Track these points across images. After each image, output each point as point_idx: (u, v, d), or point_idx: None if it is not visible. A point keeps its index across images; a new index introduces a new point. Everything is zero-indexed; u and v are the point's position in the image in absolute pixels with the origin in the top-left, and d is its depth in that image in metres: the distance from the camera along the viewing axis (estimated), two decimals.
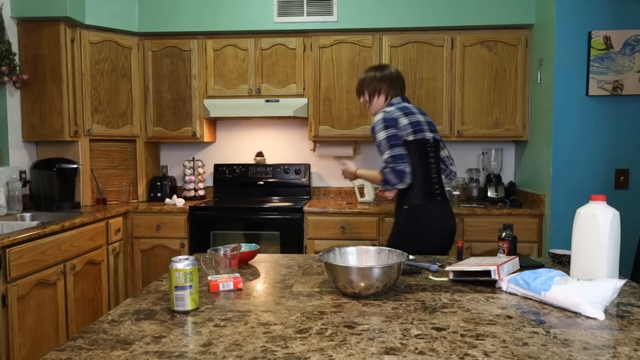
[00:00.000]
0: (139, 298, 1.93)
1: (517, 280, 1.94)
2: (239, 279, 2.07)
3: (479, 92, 4.80)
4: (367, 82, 3.42)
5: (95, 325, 1.64)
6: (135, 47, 5.01)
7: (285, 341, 1.48)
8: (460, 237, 4.41)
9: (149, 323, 1.66)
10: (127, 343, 1.49)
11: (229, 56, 4.99)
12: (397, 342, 1.47)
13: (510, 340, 1.48)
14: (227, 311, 1.77)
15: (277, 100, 4.90)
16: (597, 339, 1.49)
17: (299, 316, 1.71)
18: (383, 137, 3.16)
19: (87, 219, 4.08)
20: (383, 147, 3.16)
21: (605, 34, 4.05)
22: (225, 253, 2.21)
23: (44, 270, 3.55)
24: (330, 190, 5.42)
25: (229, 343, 1.47)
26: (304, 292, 2.00)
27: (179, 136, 5.11)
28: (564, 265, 2.42)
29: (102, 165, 4.92)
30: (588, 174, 4.16)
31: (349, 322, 1.64)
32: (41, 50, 4.49)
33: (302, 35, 4.93)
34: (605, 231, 1.95)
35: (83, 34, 4.67)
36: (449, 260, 2.57)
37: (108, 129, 4.86)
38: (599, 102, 4.12)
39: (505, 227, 2.56)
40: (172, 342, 1.49)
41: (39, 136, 4.56)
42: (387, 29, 4.83)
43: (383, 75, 3.37)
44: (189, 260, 1.77)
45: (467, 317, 1.69)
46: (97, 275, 4.26)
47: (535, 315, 1.71)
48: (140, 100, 5.07)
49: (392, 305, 1.81)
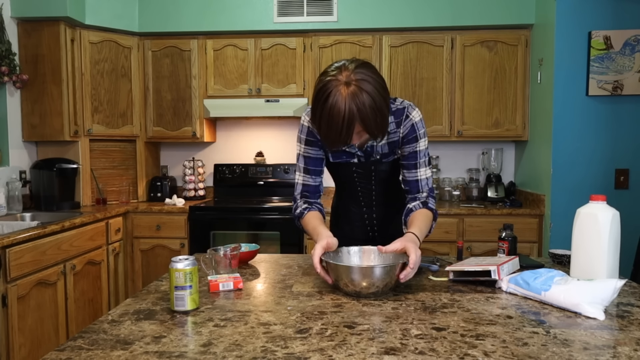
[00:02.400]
0: (139, 298, 1.93)
1: (517, 280, 1.93)
2: (239, 279, 2.07)
3: (479, 92, 4.80)
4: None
5: (95, 325, 1.64)
6: (135, 47, 5.01)
7: (285, 341, 1.48)
8: (460, 237, 4.41)
9: (149, 323, 1.66)
10: (127, 343, 1.49)
11: (229, 56, 4.99)
12: (397, 342, 1.47)
13: (510, 340, 1.48)
14: (227, 311, 1.77)
15: (277, 100, 4.90)
16: (597, 339, 1.49)
17: (299, 316, 1.71)
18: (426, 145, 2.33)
19: (87, 219, 4.08)
20: (426, 157, 2.34)
21: (605, 34, 4.05)
22: (225, 253, 2.21)
23: (44, 270, 3.55)
24: (331, 190, 5.41)
25: (229, 343, 1.47)
26: (304, 292, 2.00)
27: (179, 136, 5.11)
28: (564, 265, 2.42)
29: (102, 165, 4.92)
30: (588, 173, 4.16)
31: (349, 322, 1.64)
32: (41, 50, 4.49)
33: (302, 35, 4.93)
34: (605, 231, 1.95)
35: (83, 34, 4.67)
36: (449, 260, 2.57)
37: (108, 129, 4.86)
38: (599, 102, 4.12)
39: (505, 227, 2.55)
40: (172, 342, 1.48)
41: (39, 136, 4.56)
42: (387, 29, 4.83)
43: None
44: (189, 260, 1.77)
45: (467, 317, 1.69)
46: (97, 275, 4.26)
47: (535, 315, 1.71)
48: (140, 100, 5.08)
49: (392, 305, 1.81)
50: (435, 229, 4.35)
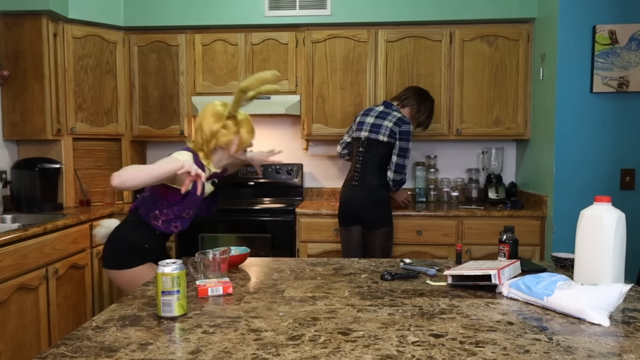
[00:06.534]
0: (125, 303, 1.93)
1: (519, 285, 1.94)
2: (228, 283, 2.07)
3: (478, 89, 4.81)
4: None
5: (79, 332, 1.63)
6: (120, 42, 5.00)
7: (276, 348, 1.48)
8: (459, 240, 4.42)
9: (134, 329, 1.65)
10: (112, 350, 1.49)
11: (218, 51, 4.99)
12: (394, 349, 1.47)
13: (511, 347, 1.48)
14: (216, 317, 1.77)
15: (269, 98, 4.89)
16: (601, 346, 1.49)
17: (291, 322, 1.71)
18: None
19: (71, 221, 4.07)
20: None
21: (610, 29, 4.06)
22: (214, 256, 2.21)
23: (25, 275, 3.53)
24: (324, 191, 5.42)
25: (218, 350, 1.47)
26: (297, 297, 2.00)
27: (166, 135, 5.10)
28: (567, 269, 2.43)
29: (86, 165, 4.90)
30: (592, 174, 4.17)
31: (343, 329, 1.64)
32: (22, 45, 4.47)
33: (295, 29, 4.93)
34: (610, 234, 1.95)
35: (66, 28, 4.65)
36: (447, 264, 2.57)
37: (92, 128, 4.84)
38: (604, 100, 4.13)
39: (506, 229, 2.56)
40: (159, 350, 1.48)
41: (20, 135, 4.54)
42: (383, 23, 4.83)
43: None
44: (177, 264, 1.77)
45: (467, 323, 1.69)
46: (81, 280, 4.25)
47: (538, 321, 1.71)
48: (126, 97, 5.06)
49: (388, 311, 1.81)
50: (433, 231, 4.40)
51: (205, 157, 2.83)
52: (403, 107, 4.27)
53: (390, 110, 4.21)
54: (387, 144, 4.11)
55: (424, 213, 4.46)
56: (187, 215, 2.84)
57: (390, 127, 4.10)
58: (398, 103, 4.28)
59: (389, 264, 2.62)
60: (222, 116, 2.78)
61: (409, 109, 4.28)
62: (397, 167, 4.13)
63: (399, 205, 4.56)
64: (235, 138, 2.81)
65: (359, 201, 4.14)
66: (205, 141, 2.80)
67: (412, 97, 4.31)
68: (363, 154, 4.20)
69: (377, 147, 4.14)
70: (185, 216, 2.84)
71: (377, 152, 4.15)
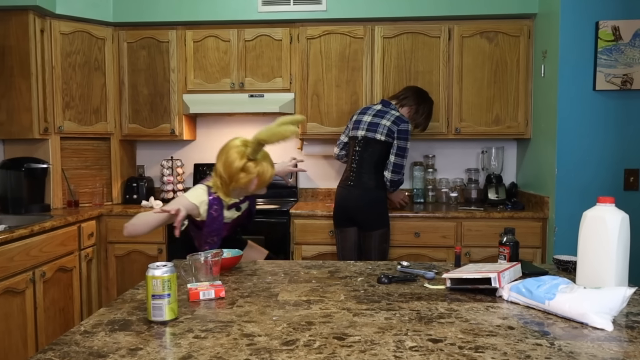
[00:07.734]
0: (114, 307, 1.93)
1: (519, 289, 1.94)
2: (220, 287, 2.07)
3: (478, 86, 4.81)
4: None
5: (67, 337, 1.63)
6: (109, 38, 4.98)
7: (270, 354, 1.48)
8: (458, 243, 4.42)
9: (124, 334, 1.65)
10: (100, 356, 1.48)
11: (210, 48, 4.98)
12: (391, 354, 1.47)
13: (511, 352, 1.48)
14: (208, 321, 1.76)
15: (262, 95, 4.89)
16: (605, 351, 1.49)
17: (285, 327, 1.71)
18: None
19: (58, 223, 4.06)
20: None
21: (614, 24, 4.06)
22: (206, 259, 2.21)
23: (11, 278, 3.53)
24: (319, 191, 5.42)
25: (210, 356, 1.47)
26: (291, 300, 2.00)
27: (156, 134, 5.09)
28: (569, 272, 2.43)
29: (74, 165, 4.89)
30: (595, 174, 4.17)
31: (338, 334, 1.64)
32: (8, 41, 4.46)
33: (289, 25, 4.92)
34: (613, 236, 1.95)
35: (53, 24, 4.64)
36: (446, 267, 2.58)
37: (80, 126, 4.83)
38: (607, 97, 4.14)
39: (506, 231, 2.56)
40: (149, 355, 1.48)
41: (5, 134, 4.53)
42: (379, 18, 4.83)
43: None
44: (167, 267, 1.77)
45: (466, 327, 1.69)
46: (69, 283, 4.24)
47: (539, 325, 1.71)
48: (115, 95, 5.05)
49: (385, 315, 1.81)
50: (432, 233, 4.40)
51: (224, 195, 2.93)
52: (402, 106, 4.29)
53: (389, 109, 4.23)
54: (385, 143, 4.12)
55: (422, 214, 4.46)
56: (211, 241, 2.96)
57: (388, 125, 4.11)
58: (396, 102, 4.30)
59: (386, 266, 2.62)
60: (241, 158, 2.86)
61: (408, 109, 4.31)
62: (394, 167, 4.14)
63: (395, 207, 4.57)
64: (255, 179, 2.89)
65: (354, 202, 4.15)
66: (224, 184, 2.89)
67: (412, 97, 4.33)
68: (359, 153, 4.21)
69: (375, 146, 4.15)
70: (210, 242, 2.96)
71: (374, 152, 4.16)
